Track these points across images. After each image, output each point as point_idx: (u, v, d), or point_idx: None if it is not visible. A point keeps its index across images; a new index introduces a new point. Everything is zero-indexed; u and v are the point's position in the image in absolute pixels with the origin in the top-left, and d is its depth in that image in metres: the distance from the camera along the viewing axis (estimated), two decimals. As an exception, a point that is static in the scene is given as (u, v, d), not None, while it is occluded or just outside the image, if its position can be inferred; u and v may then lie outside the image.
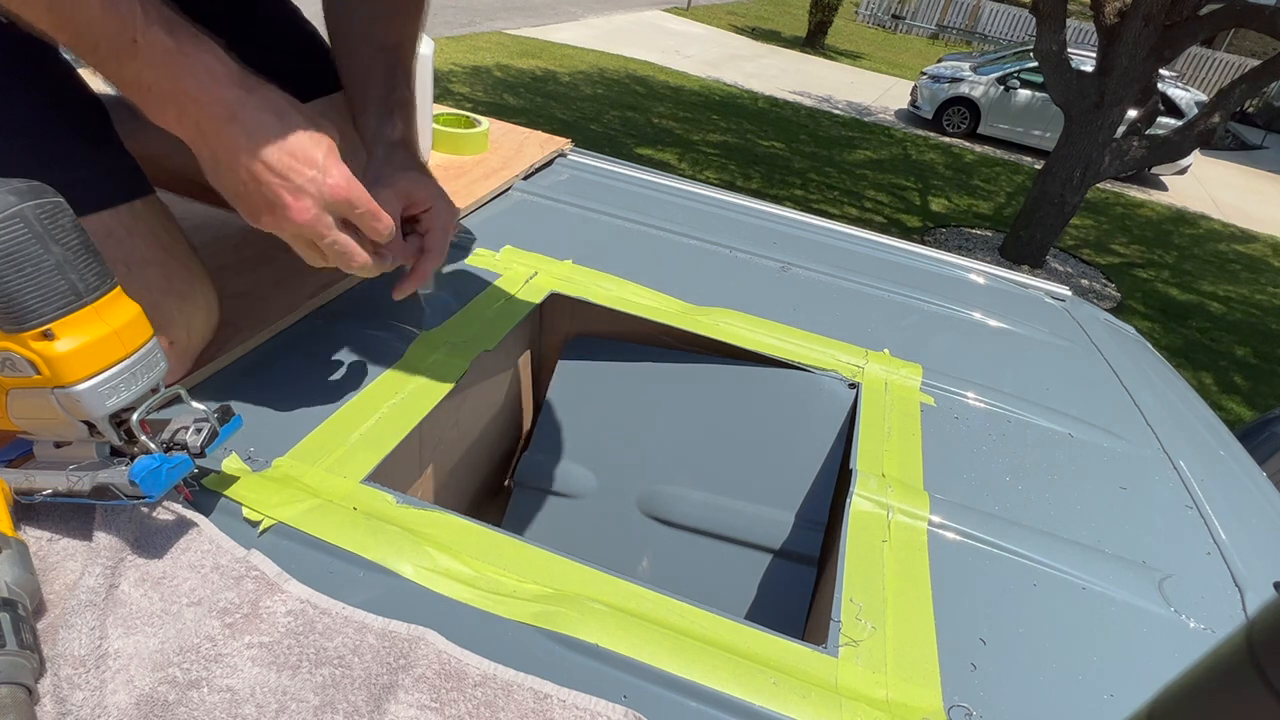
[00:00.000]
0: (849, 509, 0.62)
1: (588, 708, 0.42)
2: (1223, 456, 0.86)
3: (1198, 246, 6.98)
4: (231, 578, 0.46)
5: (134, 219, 0.58)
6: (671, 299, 0.89)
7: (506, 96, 6.84)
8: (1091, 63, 4.77)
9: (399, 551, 0.50)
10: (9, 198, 0.39)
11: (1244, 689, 0.20)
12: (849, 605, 0.53)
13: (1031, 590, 0.58)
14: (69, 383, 0.42)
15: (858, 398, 0.79)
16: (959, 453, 0.73)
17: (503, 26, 9.46)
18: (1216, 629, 0.58)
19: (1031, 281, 1.17)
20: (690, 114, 7.67)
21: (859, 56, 13.58)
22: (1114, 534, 0.66)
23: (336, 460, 0.57)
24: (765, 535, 0.74)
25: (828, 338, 0.88)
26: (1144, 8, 4.28)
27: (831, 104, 9.51)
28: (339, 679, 0.42)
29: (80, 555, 0.46)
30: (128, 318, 0.44)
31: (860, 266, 1.09)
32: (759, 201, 1.25)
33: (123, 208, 0.57)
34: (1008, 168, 8.28)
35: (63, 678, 0.39)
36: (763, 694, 0.45)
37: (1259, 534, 0.72)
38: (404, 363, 0.69)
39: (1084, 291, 5.37)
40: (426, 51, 1.07)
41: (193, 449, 0.46)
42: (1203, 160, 10.19)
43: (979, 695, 0.49)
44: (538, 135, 1.32)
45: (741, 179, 6.19)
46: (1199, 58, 14.89)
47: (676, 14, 13.84)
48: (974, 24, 17.52)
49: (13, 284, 0.39)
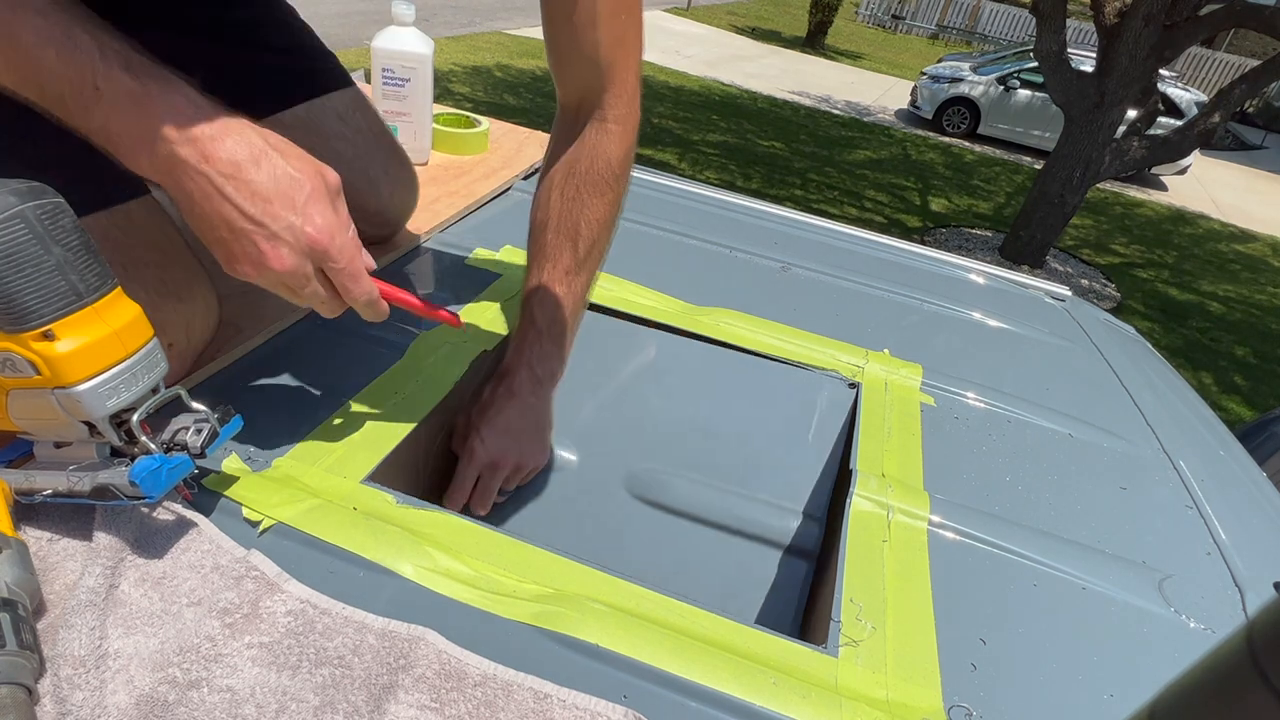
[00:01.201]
0: (849, 509, 0.62)
1: (588, 708, 0.42)
2: (1223, 456, 0.86)
3: (1197, 246, 6.98)
4: (231, 578, 0.46)
5: (130, 220, 0.58)
6: (671, 299, 0.89)
7: (506, 96, 6.84)
8: (1091, 63, 4.77)
9: (399, 551, 0.50)
10: (9, 198, 0.39)
11: (1244, 689, 0.20)
12: (849, 605, 0.53)
13: (1031, 590, 0.58)
14: (69, 383, 0.42)
15: (858, 397, 0.79)
16: (959, 453, 0.73)
17: (503, 26, 9.46)
18: (1216, 629, 0.58)
19: (1031, 281, 1.17)
20: (690, 114, 7.67)
21: (859, 56, 13.58)
22: (1114, 534, 0.66)
23: (336, 460, 0.57)
24: (759, 526, 0.74)
25: (828, 338, 0.88)
26: (1144, 8, 4.28)
27: (831, 104, 9.51)
28: (339, 679, 0.42)
29: (80, 555, 0.46)
30: (128, 318, 0.44)
31: (860, 266, 1.09)
32: (759, 201, 1.25)
33: (118, 209, 0.57)
34: (1008, 168, 8.28)
35: (63, 678, 0.39)
36: (763, 694, 0.45)
37: (1259, 534, 0.72)
38: (404, 363, 0.69)
39: (1084, 291, 5.37)
40: (426, 51, 1.07)
41: (193, 449, 0.46)
42: (1203, 160, 10.19)
43: (979, 695, 0.49)
44: (538, 135, 1.32)
45: (741, 179, 6.19)
46: (1199, 58, 14.89)
47: (676, 14, 13.84)
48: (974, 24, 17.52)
49: (13, 284, 0.39)
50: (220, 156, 0.44)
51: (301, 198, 0.46)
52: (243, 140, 0.45)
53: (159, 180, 0.45)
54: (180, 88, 0.45)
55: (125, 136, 0.44)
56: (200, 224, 0.46)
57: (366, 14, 7.72)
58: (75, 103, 0.43)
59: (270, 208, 0.45)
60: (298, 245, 0.46)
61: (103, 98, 0.42)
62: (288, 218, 0.46)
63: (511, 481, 0.71)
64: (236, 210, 0.45)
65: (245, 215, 0.45)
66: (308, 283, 0.48)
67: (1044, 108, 8.36)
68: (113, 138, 0.44)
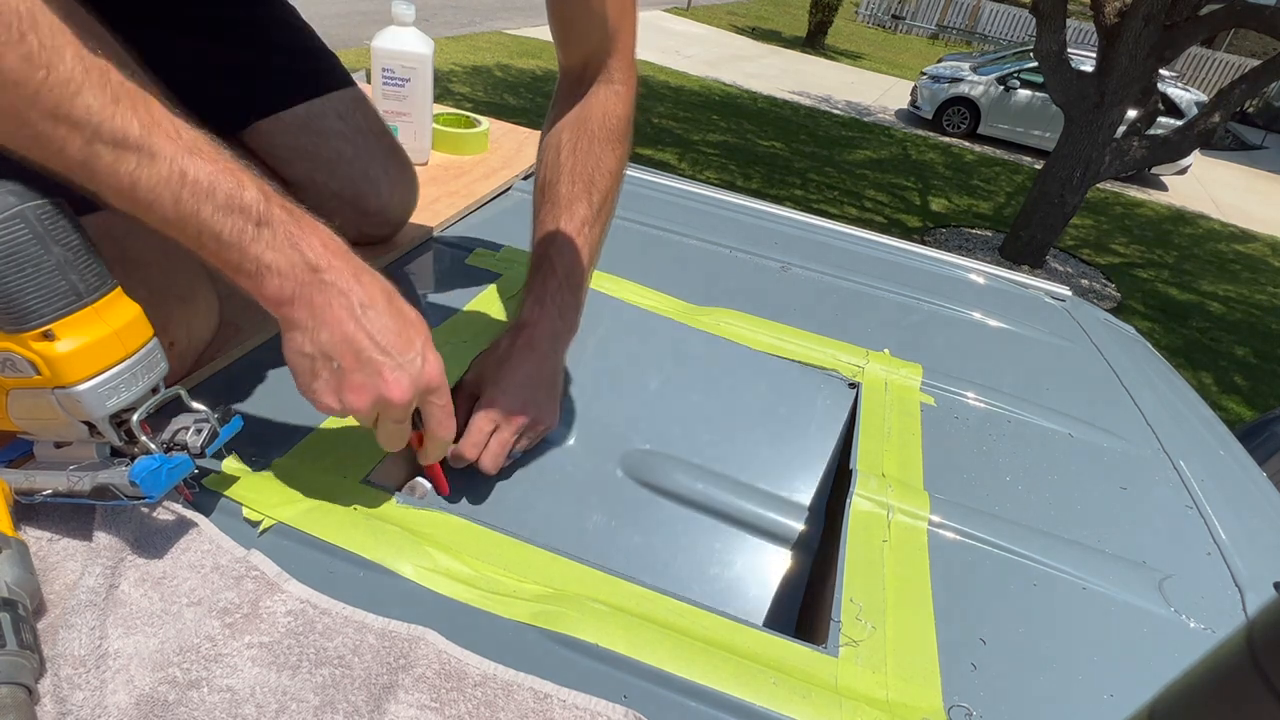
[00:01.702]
0: (849, 509, 0.62)
1: (588, 708, 0.42)
2: (1223, 456, 0.86)
3: (1197, 246, 6.99)
4: (231, 578, 0.46)
5: (131, 219, 0.58)
6: (671, 299, 0.89)
7: (506, 96, 6.84)
8: (1091, 63, 4.77)
9: (399, 551, 0.50)
10: (9, 198, 0.39)
11: (1244, 689, 0.20)
12: (849, 605, 0.53)
13: (1031, 590, 0.58)
14: (69, 383, 0.42)
15: (858, 397, 0.79)
16: (959, 453, 0.73)
17: (503, 26, 9.46)
18: (1216, 629, 0.58)
19: (1031, 281, 1.17)
20: (690, 114, 7.67)
21: (859, 56, 13.58)
22: (1114, 534, 0.66)
23: (336, 460, 0.57)
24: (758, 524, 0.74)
25: (828, 338, 0.88)
26: (1144, 8, 4.28)
27: (831, 104, 9.51)
28: (339, 679, 0.42)
29: (80, 555, 0.46)
30: (128, 318, 0.44)
31: (860, 266, 1.09)
32: (759, 201, 1.25)
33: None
34: (1008, 168, 8.28)
35: (63, 678, 0.39)
36: (763, 694, 0.45)
37: (1259, 534, 0.72)
38: (404, 363, 0.69)
39: (1084, 291, 5.37)
40: (426, 51, 1.07)
41: (193, 449, 0.46)
42: (1203, 160, 10.19)
43: (979, 695, 0.49)
44: (537, 135, 1.32)
45: (741, 179, 6.19)
46: (1199, 58, 14.89)
47: (676, 14, 13.84)
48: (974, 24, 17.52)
49: (13, 284, 0.39)
50: (362, 289, 0.48)
51: (420, 340, 0.50)
52: (377, 280, 0.50)
53: (279, 302, 0.47)
54: (323, 224, 0.49)
55: (274, 266, 0.46)
56: (320, 347, 0.47)
57: (366, 14, 7.73)
58: (234, 239, 0.45)
59: (398, 342, 0.49)
60: (416, 379, 0.49)
61: (262, 235, 0.45)
62: (411, 354, 0.49)
63: (523, 441, 0.66)
64: (369, 338, 0.48)
65: (376, 344, 0.48)
66: (406, 415, 0.50)
67: (1044, 108, 8.36)
68: (262, 268, 0.46)
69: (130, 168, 0.41)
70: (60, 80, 0.38)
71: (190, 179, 0.42)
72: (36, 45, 0.37)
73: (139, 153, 0.41)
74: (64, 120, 0.39)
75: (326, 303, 0.47)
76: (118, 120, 0.40)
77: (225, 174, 0.44)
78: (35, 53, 0.37)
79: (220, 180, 0.43)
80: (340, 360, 0.47)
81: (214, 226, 0.44)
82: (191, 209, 0.43)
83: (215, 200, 0.43)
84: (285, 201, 0.47)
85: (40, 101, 0.38)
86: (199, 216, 0.43)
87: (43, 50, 0.38)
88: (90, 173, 0.41)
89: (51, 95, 0.38)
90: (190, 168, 0.42)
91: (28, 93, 0.38)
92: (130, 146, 0.41)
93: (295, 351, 0.48)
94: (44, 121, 0.39)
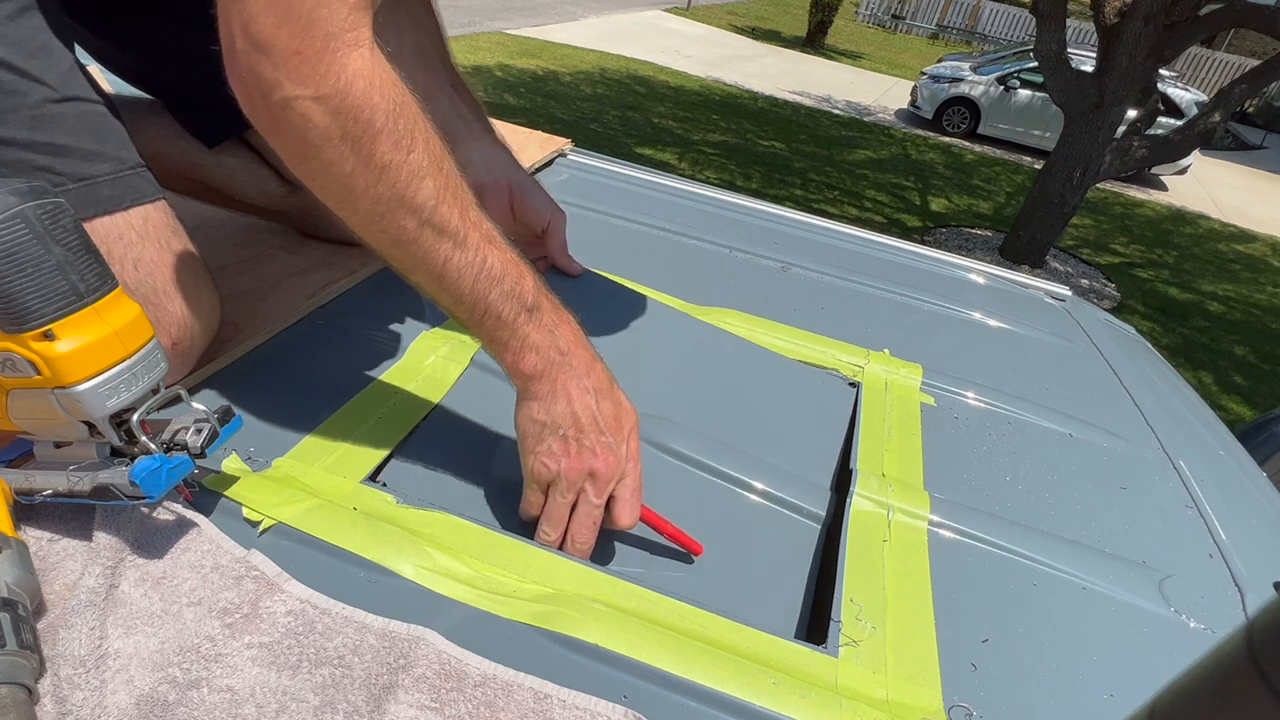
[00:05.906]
0: (849, 508, 0.62)
1: (588, 708, 0.42)
2: (1223, 456, 0.86)
3: (1197, 246, 6.99)
4: (231, 578, 0.46)
5: (145, 222, 0.58)
6: (672, 299, 0.89)
7: (506, 96, 6.84)
8: (1091, 63, 4.77)
9: (399, 551, 0.50)
10: (9, 198, 0.39)
11: (1244, 689, 0.20)
12: (849, 605, 0.53)
13: (1031, 590, 0.58)
14: (69, 383, 0.42)
15: (858, 397, 0.79)
16: (959, 453, 0.73)
17: (503, 26, 9.46)
18: (1216, 629, 0.58)
19: (1031, 281, 1.17)
20: (690, 114, 7.67)
21: (859, 56, 13.59)
22: (1114, 534, 0.66)
23: (336, 460, 0.57)
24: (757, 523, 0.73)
25: (828, 337, 0.88)
26: (1144, 8, 4.28)
27: (831, 104, 9.51)
28: (339, 679, 0.42)
29: (80, 555, 0.46)
30: (128, 318, 0.44)
31: (860, 266, 1.09)
32: (759, 201, 1.25)
33: (135, 210, 0.57)
34: (1008, 168, 8.28)
35: (63, 678, 0.39)
36: (762, 694, 0.45)
37: (1259, 534, 0.72)
38: (404, 363, 0.69)
39: (1084, 291, 5.38)
40: (426, 51, 1.07)
41: (193, 449, 0.46)
42: (1203, 160, 10.19)
43: (979, 695, 0.49)
44: (538, 135, 1.32)
45: (741, 179, 6.19)
46: (1199, 58, 14.89)
47: (677, 14, 13.84)
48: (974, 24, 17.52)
49: (13, 284, 0.39)
50: (595, 375, 0.55)
51: (629, 426, 0.56)
52: (604, 370, 0.56)
53: (526, 375, 0.53)
54: (571, 318, 0.56)
55: (535, 344, 0.53)
56: (553, 417, 0.53)
57: (366, 14, 7.71)
58: (507, 319, 0.52)
59: (615, 424, 0.55)
60: (620, 459, 0.55)
61: (532, 318, 0.53)
62: (623, 437, 0.55)
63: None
64: (592, 418, 0.54)
65: (597, 424, 0.54)
66: (603, 491, 0.54)
67: (1044, 108, 8.36)
68: (524, 344, 0.53)
69: (446, 251, 0.49)
70: (413, 170, 0.46)
71: (488, 266, 0.50)
72: (404, 130, 0.45)
73: (454, 239, 0.49)
74: (406, 205, 0.46)
75: (566, 383, 0.54)
76: (443, 209, 0.48)
77: (511, 264, 0.52)
78: (401, 141, 0.45)
79: (509, 270, 0.51)
80: (567, 431, 0.53)
81: (498, 308, 0.51)
82: (484, 291, 0.50)
83: (503, 286, 0.51)
84: (549, 294, 0.55)
85: (396, 190, 0.46)
86: (488, 298, 0.51)
87: (404, 139, 0.45)
88: (409, 251, 0.48)
89: (400, 181, 0.46)
90: (489, 256, 0.50)
91: (392, 178, 0.45)
92: (449, 233, 0.48)
93: (528, 418, 0.54)
94: (385, 203, 0.46)
